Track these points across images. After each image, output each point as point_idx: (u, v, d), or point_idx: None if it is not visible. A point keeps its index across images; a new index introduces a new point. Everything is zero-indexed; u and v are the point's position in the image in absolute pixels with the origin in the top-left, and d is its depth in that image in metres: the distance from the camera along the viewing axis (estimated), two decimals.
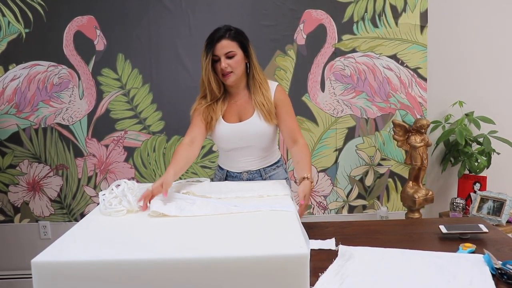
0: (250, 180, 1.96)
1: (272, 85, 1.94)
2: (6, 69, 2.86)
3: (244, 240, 1.16)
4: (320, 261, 1.41)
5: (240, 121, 1.89)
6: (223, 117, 1.90)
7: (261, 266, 1.04)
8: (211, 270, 1.04)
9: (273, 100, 1.90)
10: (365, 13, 2.88)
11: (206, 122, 1.88)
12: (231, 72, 1.82)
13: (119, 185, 1.51)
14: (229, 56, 1.80)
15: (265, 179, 1.96)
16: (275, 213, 1.37)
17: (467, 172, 2.97)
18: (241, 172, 1.98)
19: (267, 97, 1.88)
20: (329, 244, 1.56)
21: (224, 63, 1.79)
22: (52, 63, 2.86)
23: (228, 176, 2.01)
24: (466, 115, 2.95)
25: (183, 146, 1.81)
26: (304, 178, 1.74)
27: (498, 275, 1.30)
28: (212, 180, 2.06)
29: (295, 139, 1.90)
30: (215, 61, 1.82)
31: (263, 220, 1.32)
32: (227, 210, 1.39)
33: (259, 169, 1.98)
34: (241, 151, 1.94)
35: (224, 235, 1.20)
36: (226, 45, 1.79)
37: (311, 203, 3.06)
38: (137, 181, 1.57)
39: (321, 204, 3.07)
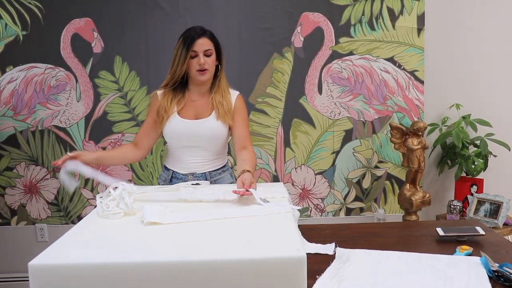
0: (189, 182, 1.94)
1: (234, 93, 1.99)
2: (3, 71, 2.86)
3: (242, 242, 1.16)
4: (317, 264, 1.41)
5: (196, 119, 1.92)
6: (178, 113, 1.91)
7: (258, 269, 1.04)
8: (209, 272, 1.03)
9: (232, 107, 1.95)
10: (362, 16, 2.89)
11: (159, 119, 1.91)
12: (207, 69, 1.87)
13: (116, 187, 1.51)
14: (207, 54, 1.86)
15: (210, 183, 1.94)
16: (272, 216, 1.37)
17: (464, 174, 2.97)
18: (186, 174, 1.95)
19: (227, 99, 1.93)
20: (327, 248, 1.55)
21: (202, 59, 1.84)
22: (50, 66, 2.86)
23: (174, 177, 1.98)
24: (463, 117, 2.96)
25: (129, 145, 2.01)
26: (244, 171, 1.70)
27: (495, 277, 1.30)
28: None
29: (245, 146, 1.92)
30: (191, 57, 1.86)
31: (260, 223, 1.32)
32: (222, 215, 1.38)
33: (204, 173, 1.97)
34: (189, 151, 1.93)
35: (221, 238, 1.20)
36: (206, 43, 1.86)
37: (308, 205, 3.06)
38: (135, 184, 1.57)
39: (319, 206, 3.07)
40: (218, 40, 1.92)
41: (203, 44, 1.85)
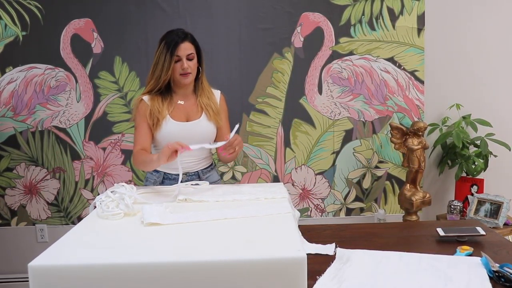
0: (187, 182, 1.92)
1: (216, 92, 2.06)
2: (3, 72, 2.86)
3: (242, 243, 1.16)
4: (318, 264, 1.41)
5: (188, 121, 1.95)
6: (170, 116, 1.93)
7: (258, 269, 1.04)
8: (209, 273, 1.03)
9: (218, 106, 2.01)
10: (363, 16, 2.89)
11: (152, 124, 1.91)
12: (190, 73, 1.89)
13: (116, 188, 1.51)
14: (189, 58, 1.89)
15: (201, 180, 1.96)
16: (272, 216, 1.37)
17: (464, 174, 2.97)
18: (178, 174, 1.94)
19: (213, 100, 2.00)
20: (327, 249, 1.55)
21: (186, 63, 1.87)
22: (49, 66, 2.86)
23: (165, 178, 2.00)
24: (463, 117, 2.95)
25: (143, 151, 1.90)
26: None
27: (495, 278, 1.30)
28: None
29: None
30: (175, 61, 1.87)
31: (260, 223, 1.32)
32: (222, 216, 1.38)
33: (197, 171, 2.01)
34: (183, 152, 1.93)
35: (221, 238, 1.20)
36: (188, 47, 1.88)
37: (309, 205, 3.06)
38: (135, 184, 1.57)
39: (319, 206, 3.07)
40: (198, 43, 1.95)
41: (186, 48, 1.87)
